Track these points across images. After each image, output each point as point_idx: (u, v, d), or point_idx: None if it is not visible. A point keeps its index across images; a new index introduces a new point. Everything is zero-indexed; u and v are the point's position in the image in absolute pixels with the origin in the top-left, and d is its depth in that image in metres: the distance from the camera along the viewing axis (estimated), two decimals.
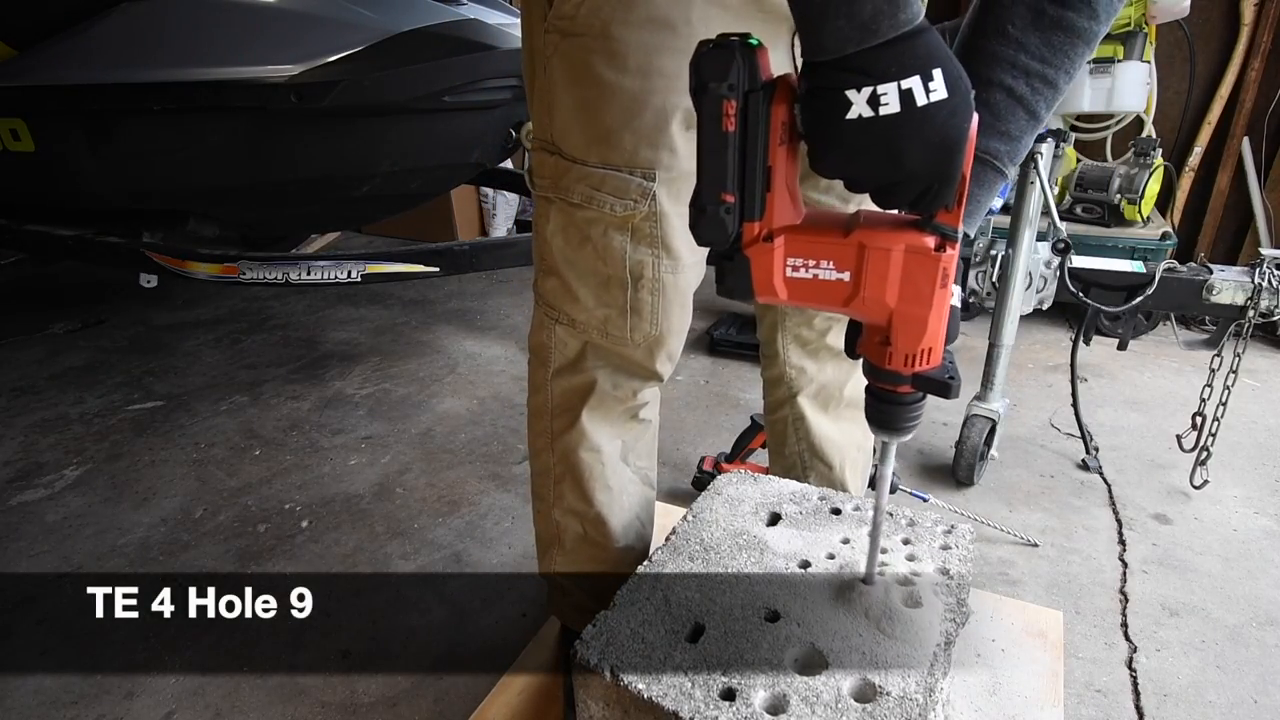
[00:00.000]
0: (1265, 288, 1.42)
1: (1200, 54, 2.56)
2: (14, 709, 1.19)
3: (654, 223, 0.78)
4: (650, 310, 0.84)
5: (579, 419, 0.92)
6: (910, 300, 0.56)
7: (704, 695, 0.64)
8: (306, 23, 1.87)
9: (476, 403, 2.15)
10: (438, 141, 2.09)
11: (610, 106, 0.73)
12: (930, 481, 1.72)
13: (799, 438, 1.12)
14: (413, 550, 1.54)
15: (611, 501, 0.97)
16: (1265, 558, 1.46)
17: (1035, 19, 0.59)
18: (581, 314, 0.86)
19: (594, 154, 0.76)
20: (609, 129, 0.74)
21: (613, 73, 0.72)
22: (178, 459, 1.90)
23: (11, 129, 2.06)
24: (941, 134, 0.49)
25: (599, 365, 0.89)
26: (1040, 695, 1.04)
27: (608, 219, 0.78)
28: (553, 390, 0.93)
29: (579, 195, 0.78)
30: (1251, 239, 2.63)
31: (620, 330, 0.85)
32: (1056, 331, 2.58)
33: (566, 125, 0.77)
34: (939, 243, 0.54)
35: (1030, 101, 0.61)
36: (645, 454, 1.02)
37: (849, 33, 0.47)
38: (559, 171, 0.79)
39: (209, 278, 2.12)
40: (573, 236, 0.82)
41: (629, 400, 0.93)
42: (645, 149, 0.75)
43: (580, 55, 0.73)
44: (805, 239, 0.57)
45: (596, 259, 0.81)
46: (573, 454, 0.94)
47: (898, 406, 0.62)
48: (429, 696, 1.19)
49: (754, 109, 0.52)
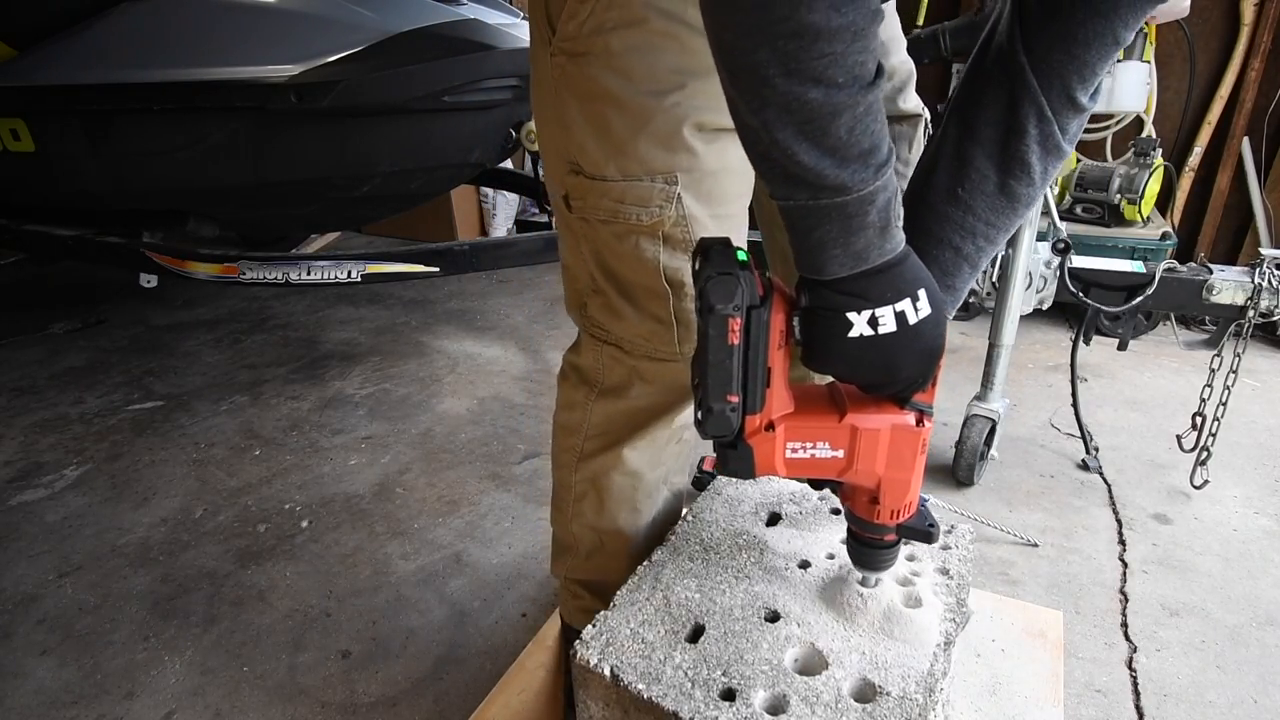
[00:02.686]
0: (1265, 288, 1.42)
1: (1200, 54, 2.56)
2: (14, 709, 1.19)
3: (684, 227, 0.78)
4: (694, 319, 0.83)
5: (619, 447, 0.90)
6: (896, 467, 0.66)
7: (704, 695, 0.64)
8: (306, 23, 1.87)
9: (476, 403, 2.15)
10: (438, 141, 2.09)
11: (622, 118, 0.74)
12: (930, 481, 1.72)
13: None
14: (413, 550, 1.54)
15: (638, 522, 0.96)
16: (1265, 558, 1.46)
17: (982, 184, 0.64)
18: (627, 332, 0.85)
19: (613, 167, 0.76)
20: (623, 140, 0.74)
21: (620, 85, 0.72)
22: (178, 459, 1.90)
23: (11, 129, 2.06)
24: (929, 343, 0.59)
25: (647, 392, 0.88)
26: (1040, 695, 1.04)
27: (636, 229, 0.78)
28: (591, 412, 0.91)
29: (605, 211, 0.78)
30: (1251, 239, 2.63)
31: (667, 344, 0.84)
32: (1056, 331, 2.58)
33: (583, 144, 0.77)
34: (919, 418, 0.64)
35: (974, 258, 0.68)
36: (679, 470, 1.00)
37: (844, 260, 0.55)
38: (585, 191, 0.79)
39: (209, 278, 2.12)
40: (608, 254, 0.81)
41: (674, 422, 0.91)
42: (662, 154, 0.75)
43: (588, 74, 0.73)
44: (803, 425, 0.65)
45: (633, 272, 0.81)
46: (604, 477, 0.92)
47: (882, 551, 0.72)
48: (429, 696, 1.19)
49: (756, 322, 0.59)
